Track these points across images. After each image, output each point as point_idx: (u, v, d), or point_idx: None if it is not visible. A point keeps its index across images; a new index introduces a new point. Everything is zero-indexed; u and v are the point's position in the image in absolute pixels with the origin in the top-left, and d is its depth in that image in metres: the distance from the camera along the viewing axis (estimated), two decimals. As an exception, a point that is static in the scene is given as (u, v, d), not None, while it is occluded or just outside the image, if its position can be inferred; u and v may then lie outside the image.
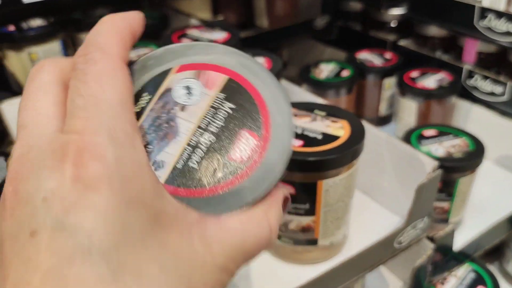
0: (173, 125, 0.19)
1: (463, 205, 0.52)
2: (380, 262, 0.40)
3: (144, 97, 0.19)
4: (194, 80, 0.20)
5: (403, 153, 0.41)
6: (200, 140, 0.19)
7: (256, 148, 0.19)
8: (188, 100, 0.20)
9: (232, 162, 0.19)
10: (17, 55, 0.59)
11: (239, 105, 0.20)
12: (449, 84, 0.64)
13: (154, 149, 0.19)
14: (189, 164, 0.19)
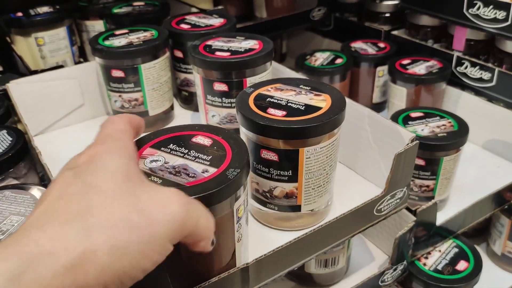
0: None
1: (448, 184, 0.55)
2: (360, 229, 0.42)
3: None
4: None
5: (384, 128, 0.43)
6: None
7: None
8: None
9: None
10: (24, 40, 0.62)
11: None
12: (439, 71, 0.66)
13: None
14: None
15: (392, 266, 0.48)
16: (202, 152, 0.32)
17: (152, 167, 0.31)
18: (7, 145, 0.43)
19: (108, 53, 0.51)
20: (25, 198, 0.38)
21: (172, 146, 0.33)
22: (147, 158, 0.31)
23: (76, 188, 0.23)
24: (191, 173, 0.30)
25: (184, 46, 0.56)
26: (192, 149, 0.32)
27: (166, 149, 0.32)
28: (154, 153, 0.32)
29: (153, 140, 0.33)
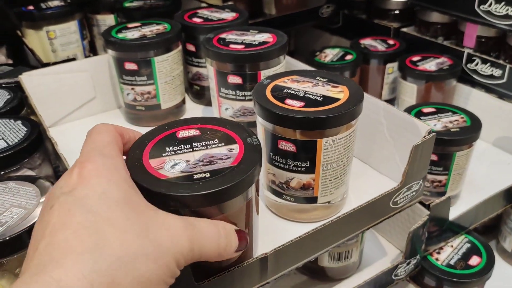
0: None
1: (460, 179, 0.54)
2: (376, 222, 0.42)
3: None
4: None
5: (400, 121, 0.43)
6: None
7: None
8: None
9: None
10: (36, 33, 0.62)
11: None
12: (450, 67, 0.66)
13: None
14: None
15: (406, 260, 0.48)
16: (204, 140, 0.32)
17: (183, 169, 0.29)
18: (22, 135, 0.43)
19: (122, 46, 0.51)
20: (27, 191, 0.38)
21: (171, 148, 0.31)
22: (162, 167, 0.30)
23: (82, 218, 0.22)
24: (223, 156, 0.30)
25: (196, 40, 0.56)
26: (193, 142, 0.32)
27: (170, 152, 0.31)
28: (162, 161, 0.30)
29: (146, 146, 0.32)
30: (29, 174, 0.42)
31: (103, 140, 0.27)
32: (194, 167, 0.29)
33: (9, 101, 0.51)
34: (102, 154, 0.26)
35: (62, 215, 0.23)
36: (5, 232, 0.33)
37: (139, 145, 0.31)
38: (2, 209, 0.36)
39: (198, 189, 0.27)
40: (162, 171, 0.29)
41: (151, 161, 0.30)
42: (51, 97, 0.54)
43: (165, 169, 0.29)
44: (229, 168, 0.29)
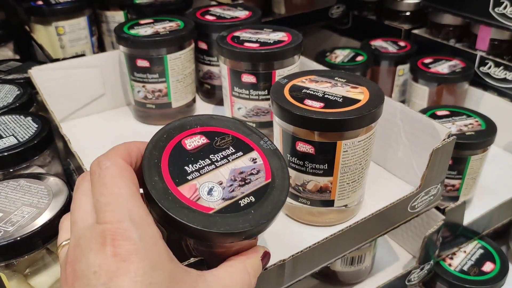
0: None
1: (473, 184, 0.54)
2: (394, 226, 0.41)
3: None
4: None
5: (417, 123, 0.42)
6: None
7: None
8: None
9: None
10: (45, 29, 0.61)
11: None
12: (462, 70, 0.65)
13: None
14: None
15: (419, 265, 0.48)
16: (219, 150, 0.29)
17: (224, 196, 0.26)
18: (32, 132, 0.42)
19: (134, 42, 0.50)
20: (39, 189, 0.37)
21: (191, 167, 0.27)
22: (199, 196, 0.26)
23: None
24: (251, 170, 0.28)
25: (209, 38, 0.55)
26: (209, 154, 0.28)
27: (194, 174, 0.27)
28: (193, 188, 0.26)
29: (161, 167, 0.27)
30: (39, 172, 0.41)
31: (122, 192, 0.23)
32: (232, 190, 0.27)
33: (18, 96, 0.50)
34: (133, 222, 0.22)
35: None
36: (16, 232, 0.32)
37: (152, 169, 0.26)
38: (13, 207, 0.35)
39: (254, 220, 0.26)
40: (202, 202, 0.26)
41: (181, 189, 0.26)
42: (60, 93, 0.54)
43: (203, 198, 0.26)
44: (267, 185, 0.28)
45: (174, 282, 0.22)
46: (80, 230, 0.23)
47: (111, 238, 0.21)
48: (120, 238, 0.21)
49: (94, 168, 0.24)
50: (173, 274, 0.22)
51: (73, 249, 0.23)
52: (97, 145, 0.51)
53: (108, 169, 0.23)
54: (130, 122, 0.56)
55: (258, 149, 0.30)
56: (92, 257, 0.21)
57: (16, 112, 0.46)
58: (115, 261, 0.21)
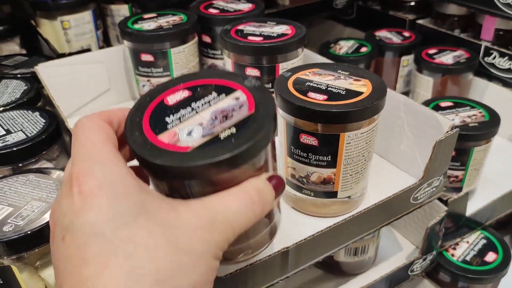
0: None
1: (477, 175, 0.54)
2: (396, 217, 0.42)
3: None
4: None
5: (420, 115, 0.43)
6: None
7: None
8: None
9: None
10: (50, 23, 0.62)
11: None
12: (467, 61, 0.65)
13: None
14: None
15: (422, 256, 0.48)
16: (201, 97, 0.28)
17: (203, 134, 0.25)
18: (40, 127, 0.43)
19: (138, 37, 0.50)
20: (48, 183, 0.38)
21: (171, 117, 0.27)
22: (178, 139, 0.25)
23: (101, 249, 0.20)
24: (233, 106, 0.27)
25: (212, 31, 0.56)
26: (190, 103, 0.27)
27: (174, 122, 0.26)
28: (173, 134, 0.26)
29: (142, 124, 0.26)
30: (48, 167, 0.42)
31: (93, 141, 0.23)
32: (213, 126, 0.26)
33: (26, 92, 0.50)
34: (98, 163, 0.22)
35: (78, 250, 0.20)
36: (26, 226, 0.33)
37: (133, 126, 0.26)
38: (23, 202, 0.36)
39: (234, 147, 0.24)
40: (181, 143, 0.25)
41: (160, 137, 0.25)
42: (66, 89, 0.54)
43: (182, 140, 0.25)
44: (250, 116, 0.26)
45: (145, 210, 0.22)
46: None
47: (76, 179, 0.22)
48: (84, 177, 0.22)
49: (74, 127, 0.25)
50: (144, 203, 0.22)
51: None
52: (103, 139, 0.52)
53: (83, 124, 0.24)
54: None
55: (242, 88, 0.28)
56: (63, 202, 0.22)
57: (24, 107, 0.47)
58: (80, 199, 0.21)
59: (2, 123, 0.44)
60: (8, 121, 0.44)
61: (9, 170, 0.41)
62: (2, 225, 0.34)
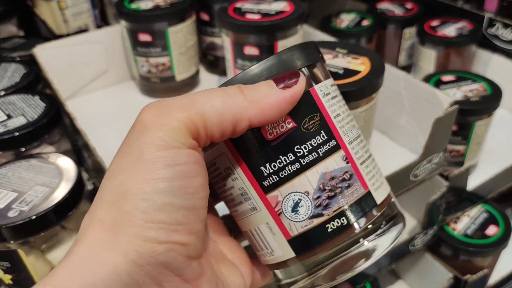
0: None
1: (478, 149, 0.54)
2: (396, 194, 0.42)
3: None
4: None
5: (420, 92, 0.42)
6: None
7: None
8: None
9: None
10: (47, 4, 0.61)
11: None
12: (469, 33, 0.64)
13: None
14: None
15: (423, 230, 0.49)
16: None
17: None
18: (41, 111, 0.43)
19: (135, 17, 0.50)
20: (50, 168, 0.38)
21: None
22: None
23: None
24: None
25: (210, 9, 0.55)
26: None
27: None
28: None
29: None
30: (49, 151, 0.43)
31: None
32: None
33: (25, 75, 0.50)
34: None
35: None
36: (31, 211, 0.34)
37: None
38: (27, 187, 0.36)
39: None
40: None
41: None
42: (65, 70, 0.54)
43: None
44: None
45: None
46: None
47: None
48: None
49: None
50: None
51: None
52: (103, 121, 0.52)
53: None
54: (135, 97, 0.57)
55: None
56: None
57: (24, 91, 0.47)
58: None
59: (3, 108, 0.44)
60: (9, 105, 0.45)
61: (12, 155, 0.42)
62: (7, 211, 0.34)
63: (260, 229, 0.22)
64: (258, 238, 0.22)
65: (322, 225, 0.20)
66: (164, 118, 0.19)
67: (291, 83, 0.20)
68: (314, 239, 0.21)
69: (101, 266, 0.18)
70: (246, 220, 0.22)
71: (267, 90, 0.20)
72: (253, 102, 0.20)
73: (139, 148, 0.19)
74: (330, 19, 0.72)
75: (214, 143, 0.21)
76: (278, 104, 0.20)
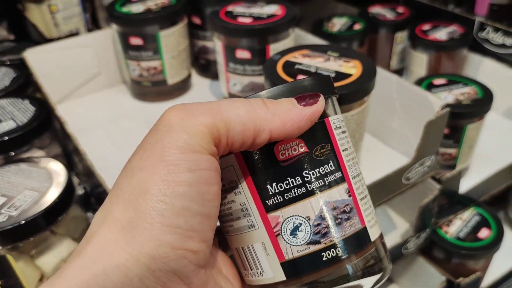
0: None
1: (470, 152, 0.54)
2: (388, 197, 0.42)
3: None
4: None
5: (412, 95, 0.42)
6: None
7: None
8: None
9: None
10: (37, 7, 0.61)
11: None
12: (460, 36, 0.64)
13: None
14: None
15: (415, 234, 0.49)
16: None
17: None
18: (31, 115, 0.43)
19: (126, 20, 0.50)
20: (40, 173, 0.38)
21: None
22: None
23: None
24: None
25: (202, 12, 0.55)
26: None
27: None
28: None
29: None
30: (39, 155, 0.42)
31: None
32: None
33: (15, 79, 0.50)
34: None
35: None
36: (20, 216, 0.33)
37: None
38: (16, 192, 0.36)
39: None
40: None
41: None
42: (55, 74, 0.54)
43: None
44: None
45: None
46: None
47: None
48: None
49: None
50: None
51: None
52: (95, 125, 0.51)
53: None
54: (127, 100, 0.57)
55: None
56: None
57: (13, 95, 0.46)
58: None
59: (-8, 112, 0.44)
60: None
61: (1, 159, 0.41)
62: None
63: (254, 247, 0.22)
64: (249, 256, 0.22)
65: (318, 252, 0.21)
66: (189, 121, 0.19)
67: (311, 102, 0.21)
68: (307, 265, 0.21)
69: (113, 269, 0.17)
70: (240, 236, 0.22)
71: (289, 106, 0.20)
72: (275, 115, 0.20)
73: (162, 147, 0.18)
74: (322, 23, 0.72)
75: (223, 155, 0.21)
76: (298, 120, 0.20)
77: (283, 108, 0.20)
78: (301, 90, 0.22)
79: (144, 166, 0.18)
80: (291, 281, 0.21)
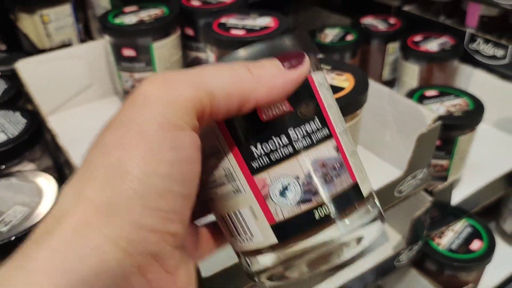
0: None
1: (462, 163, 0.54)
2: (380, 210, 0.42)
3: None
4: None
5: (404, 107, 0.43)
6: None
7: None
8: None
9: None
10: (29, 17, 0.60)
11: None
12: (452, 48, 0.65)
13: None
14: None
15: (408, 246, 0.49)
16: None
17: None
18: (22, 128, 0.42)
19: (119, 31, 0.50)
20: (30, 187, 0.37)
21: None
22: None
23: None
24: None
25: (195, 24, 0.55)
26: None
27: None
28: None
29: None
30: (30, 169, 0.42)
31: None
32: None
33: (7, 91, 0.50)
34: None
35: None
36: (10, 232, 0.33)
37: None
38: (5, 207, 0.35)
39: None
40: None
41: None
42: (47, 85, 0.53)
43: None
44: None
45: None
46: None
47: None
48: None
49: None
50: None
51: None
52: (86, 137, 0.51)
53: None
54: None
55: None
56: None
57: (4, 107, 0.46)
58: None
59: (-17, 124, 0.43)
60: (-11, 122, 0.44)
61: (-9, 172, 0.41)
62: (-15, 231, 0.33)
63: (242, 212, 0.21)
64: (237, 222, 0.21)
65: (310, 211, 0.20)
66: (170, 94, 0.17)
67: (296, 64, 0.20)
68: (299, 225, 0.20)
69: (89, 252, 0.16)
70: (225, 203, 0.21)
71: (274, 70, 0.19)
72: (260, 83, 0.19)
73: (139, 123, 0.17)
74: (314, 34, 0.73)
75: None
76: (284, 85, 0.19)
77: (268, 73, 0.19)
78: (283, 49, 0.21)
79: (121, 143, 0.17)
80: (282, 243, 0.20)
